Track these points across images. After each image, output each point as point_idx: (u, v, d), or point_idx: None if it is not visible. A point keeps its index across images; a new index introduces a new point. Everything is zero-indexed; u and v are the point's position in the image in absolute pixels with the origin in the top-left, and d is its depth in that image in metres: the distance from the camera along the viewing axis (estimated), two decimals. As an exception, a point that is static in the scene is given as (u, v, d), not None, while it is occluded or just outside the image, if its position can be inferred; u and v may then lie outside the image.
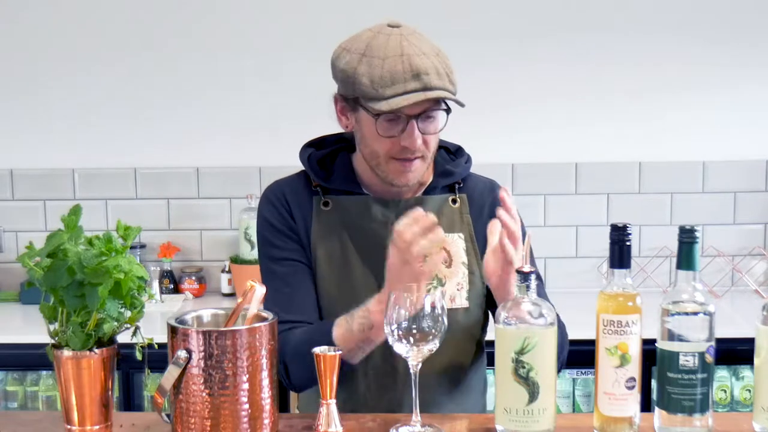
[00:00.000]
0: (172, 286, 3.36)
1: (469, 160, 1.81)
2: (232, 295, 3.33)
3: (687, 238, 1.34)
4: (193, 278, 3.36)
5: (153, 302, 3.18)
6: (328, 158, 1.76)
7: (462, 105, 1.62)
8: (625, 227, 1.36)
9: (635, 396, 1.37)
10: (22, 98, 3.39)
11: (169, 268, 3.38)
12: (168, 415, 1.37)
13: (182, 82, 3.36)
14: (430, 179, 1.76)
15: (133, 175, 3.41)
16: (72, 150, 3.40)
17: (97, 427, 1.37)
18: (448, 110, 1.65)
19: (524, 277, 1.35)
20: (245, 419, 1.32)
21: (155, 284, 3.28)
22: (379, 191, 1.72)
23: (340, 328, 1.59)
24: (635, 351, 1.35)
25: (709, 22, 3.31)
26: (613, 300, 1.35)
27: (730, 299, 3.25)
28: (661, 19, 3.31)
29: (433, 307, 1.38)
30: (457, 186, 1.77)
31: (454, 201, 1.75)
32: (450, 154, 1.81)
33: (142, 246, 3.36)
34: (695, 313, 1.33)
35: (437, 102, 1.62)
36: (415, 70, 1.56)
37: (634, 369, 1.35)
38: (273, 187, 1.78)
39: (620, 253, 1.36)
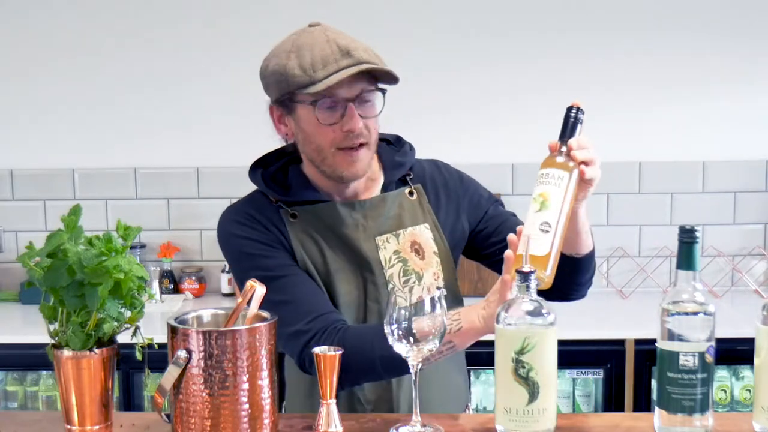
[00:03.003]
0: (172, 286, 3.37)
1: (412, 147, 1.81)
2: (232, 295, 3.33)
3: (687, 238, 1.34)
4: (193, 278, 3.36)
5: (153, 302, 3.19)
6: (279, 174, 1.74)
7: (395, 79, 1.61)
8: (578, 109, 1.50)
9: (547, 240, 1.40)
10: (22, 98, 3.39)
11: (169, 268, 3.38)
12: (168, 415, 1.37)
13: (182, 83, 3.36)
14: (383, 176, 1.74)
15: (133, 175, 3.41)
16: (72, 150, 3.40)
17: (97, 427, 1.37)
18: (383, 91, 1.64)
19: (524, 277, 1.35)
20: (245, 419, 1.32)
21: (155, 284, 3.28)
22: (334, 193, 1.71)
23: None
24: (555, 201, 1.41)
25: (709, 22, 3.31)
26: (551, 158, 1.46)
27: (730, 299, 3.25)
28: (662, 18, 3.31)
29: (433, 307, 1.38)
30: (408, 178, 1.77)
31: (411, 193, 1.75)
32: (390, 145, 1.80)
33: (142, 246, 3.36)
34: (695, 313, 1.32)
35: (371, 83, 1.61)
36: (344, 48, 1.57)
37: (551, 215, 1.40)
38: (232, 212, 1.73)
39: (566, 128, 1.49)
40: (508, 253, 1.46)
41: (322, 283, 1.68)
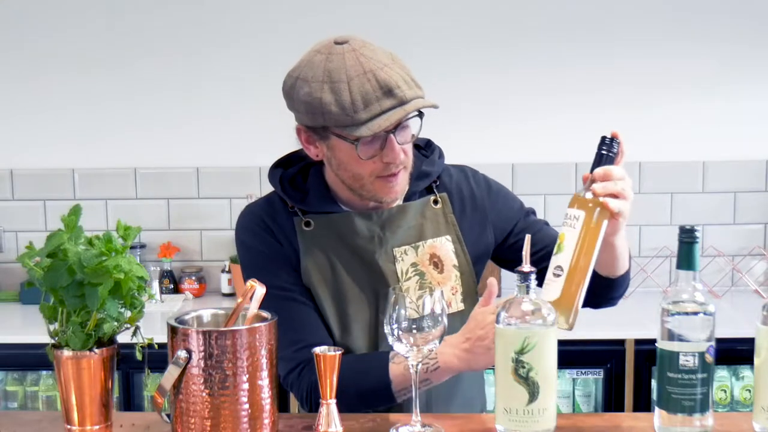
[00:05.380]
0: (172, 286, 3.36)
1: (441, 154, 1.75)
2: (232, 295, 3.33)
3: (687, 238, 1.34)
4: (193, 278, 3.36)
5: (153, 302, 3.18)
6: (299, 176, 1.69)
7: (436, 107, 1.54)
8: (612, 140, 1.47)
9: (558, 284, 1.40)
10: (22, 98, 3.39)
11: (169, 268, 3.38)
12: (168, 415, 1.37)
13: (182, 83, 3.36)
14: (408, 186, 1.69)
15: (133, 175, 3.41)
16: (72, 150, 3.40)
17: (97, 427, 1.37)
18: (420, 115, 1.58)
19: (524, 277, 1.35)
20: (245, 419, 1.31)
21: (155, 284, 3.28)
22: (357, 205, 1.67)
23: (399, 364, 1.54)
24: (570, 243, 1.39)
25: (709, 23, 3.31)
26: (575, 196, 1.43)
27: (730, 299, 3.25)
28: (662, 19, 3.31)
29: (434, 307, 1.38)
30: (434, 185, 1.72)
31: (435, 202, 1.71)
32: (421, 150, 1.75)
33: (142, 246, 3.36)
34: (695, 313, 1.32)
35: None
36: (385, 86, 1.48)
37: (564, 259, 1.39)
38: (248, 215, 1.70)
39: (598, 162, 1.45)
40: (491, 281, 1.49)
41: (331, 297, 1.65)
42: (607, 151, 1.45)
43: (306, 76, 1.52)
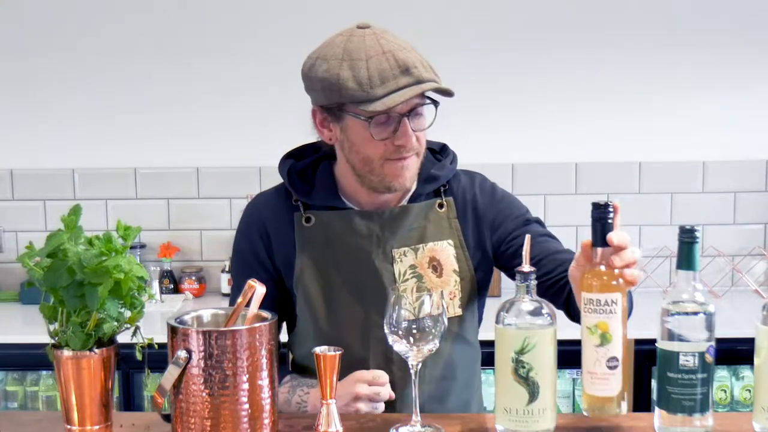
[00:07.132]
0: (172, 286, 3.37)
1: (454, 159, 1.75)
2: (232, 295, 3.33)
3: (687, 238, 1.34)
4: (193, 278, 3.36)
5: (153, 302, 3.18)
6: (309, 169, 1.70)
7: (451, 94, 1.56)
8: (606, 205, 1.33)
9: (618, 376, 1.32)
10: (21, 98, 3.39)
11: (169, 268, 3.38)
12: (168, 415, 1.37)
13: (182, 83, 3.36)
14: (415, 186, 1.69)
15: (133, 175, 3.41)
16: (72, 150, 3.40)
17: (97, 427, 1.37)
18: (436, 104, 1.59)
19: (524, 277, 1.35)
20: (245, 419, 1.32)
21: (155, 284, 3.28)
22: (363, 202, 1.67)
23: (281, 394, 1.61)
24: (616, 330, 1.31)
25: (709, 23, 3.31)
26: (595, 278, 1.33)
27: (730, 299, 3.25)
28: (662, 20, 3.31)
29: (433, 308, 1.38)
30: (442, 189, 1.71)
31: (440, 206, 1.70)
32: (435, 153, 1.75)
33: (142, 246, 3.36)
34: (695, 313, 1.32)
35: (423, 97, 1.57)
36: (402, 65, 1.52)
37: (616, 348, 1.31)
38: (252, 210, 1.73)
39: (602, 231, 1.32)
40: None
41: (322, 295, 1.65)
42: (604, 217, 1.33)
43: (326, 55, 1.56)
